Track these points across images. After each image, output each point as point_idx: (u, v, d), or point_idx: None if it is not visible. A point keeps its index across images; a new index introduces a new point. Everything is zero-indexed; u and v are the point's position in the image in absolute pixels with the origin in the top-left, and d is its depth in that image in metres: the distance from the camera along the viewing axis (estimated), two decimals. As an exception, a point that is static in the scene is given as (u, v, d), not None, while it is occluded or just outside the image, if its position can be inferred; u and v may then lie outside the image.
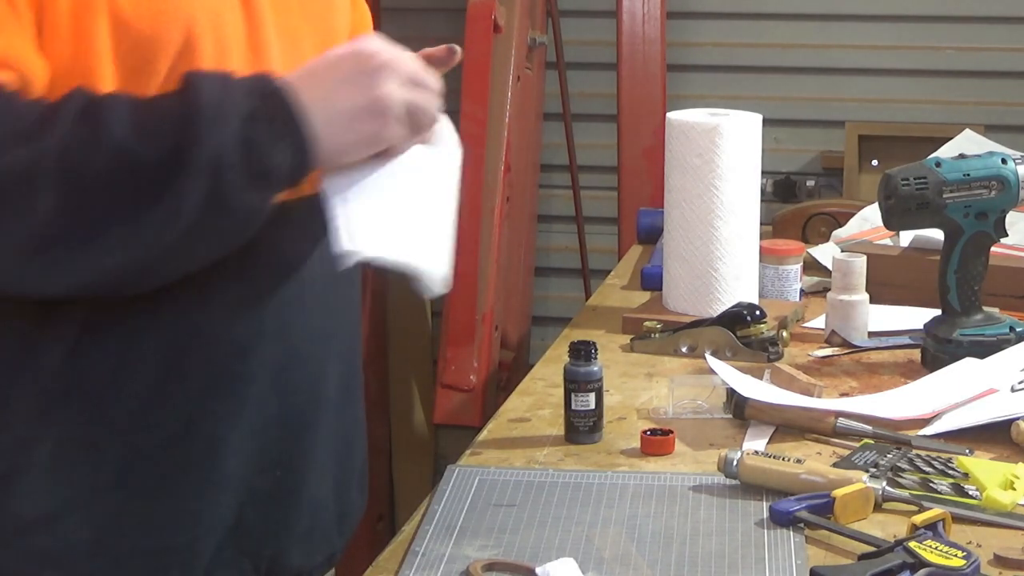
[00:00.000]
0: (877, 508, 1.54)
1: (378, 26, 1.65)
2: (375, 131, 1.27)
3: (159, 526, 1.33)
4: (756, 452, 1.62)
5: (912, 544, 1.39)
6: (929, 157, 2.03)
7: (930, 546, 1.38)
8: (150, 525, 1.33)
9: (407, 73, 1.28)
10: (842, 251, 2.31)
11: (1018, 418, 1.74)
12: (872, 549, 1.42)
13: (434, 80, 1.31)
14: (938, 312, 2.03)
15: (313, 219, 1.34)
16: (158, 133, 1.20)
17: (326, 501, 1.48)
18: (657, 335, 2.14)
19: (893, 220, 2.01)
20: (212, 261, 1.27)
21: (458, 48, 1.39)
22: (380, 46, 1.28)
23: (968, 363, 1.94)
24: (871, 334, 2.17)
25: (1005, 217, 1.99)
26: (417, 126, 1.30)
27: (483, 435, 1.82)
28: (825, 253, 2.54)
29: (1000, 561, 1.43)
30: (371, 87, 1.26)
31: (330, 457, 1.47)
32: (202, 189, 1.20)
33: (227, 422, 1.34)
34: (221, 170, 1.20)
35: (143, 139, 1.19)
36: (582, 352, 1.77)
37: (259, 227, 1.26)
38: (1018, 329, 2.01)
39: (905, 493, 1.56)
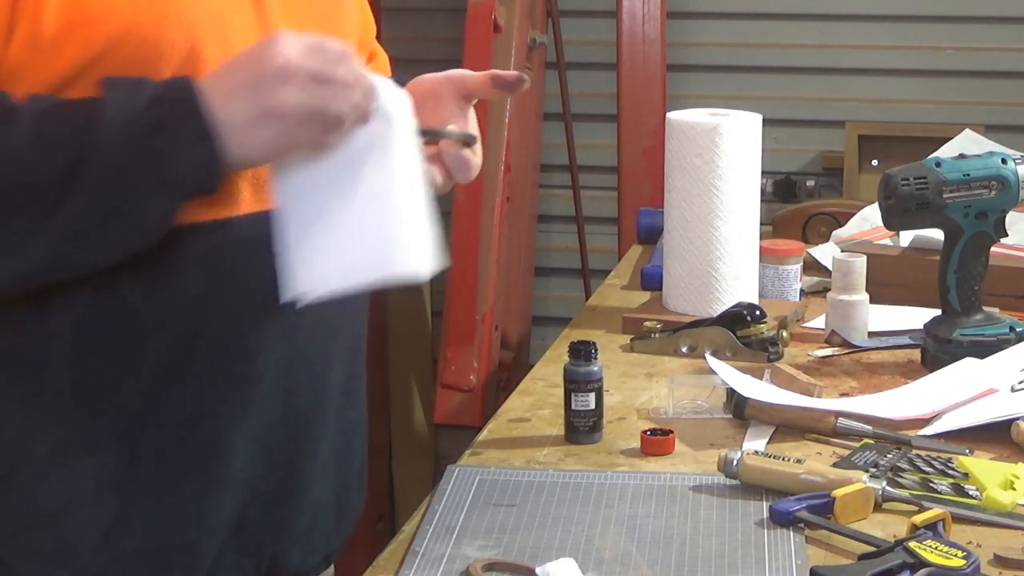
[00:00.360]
0: (877, 508, 1.54)
1: (378, 26, 1.66)
2: (274, 138, 1.22)
3: (162, 525, 1.33)
4: (756, 452, 1.62)
5: (912, 544, 1.39)
6: (929, 157, 2.03)
7: (930, 546, 1.38)
8: (153, 524, 1.33)
9: (308, 73, 1.21)
10: (842, 251, 2.31)
11: (1018, 418, 1.74)
12: (872, 549, 1.42)
13: (346, 70, 1.22)
14: (938, 312, 2.03)
15: None
16: (57, 145, 1.18)
17: (326, 501, 1.48)
18: (657, 335, 2.14)
19: (893, 220, 2.01)
20: (119, 261, 1.25)
21: (527, 78, 1.38)
22: (282, 47, 1.21)
23: (968, 363, 1.94)
24: (871, 334, 2.17)
25: (1005, 217, 1.99)
26: (324, 126, 1.23)
27: (483, 435, 1.82)
28: (825, 253, 2.54)
29: (1000, 561, 1.43)
30: (265, 96, 1.21)
31: (332, 456, 1.47)
32: (101, 203, 1.19)
33: (231, 422, 1.34)
34: (123, 182, 1.18)
35: (41, 151, 1.18)
36: (582, 352, 1.77)
37: (168, 230, 1.23)
38: (1018, 329, 2.01)
39: (905, 493, 1.56)
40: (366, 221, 1.27)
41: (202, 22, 1.27)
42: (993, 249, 2.02)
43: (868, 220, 2.60)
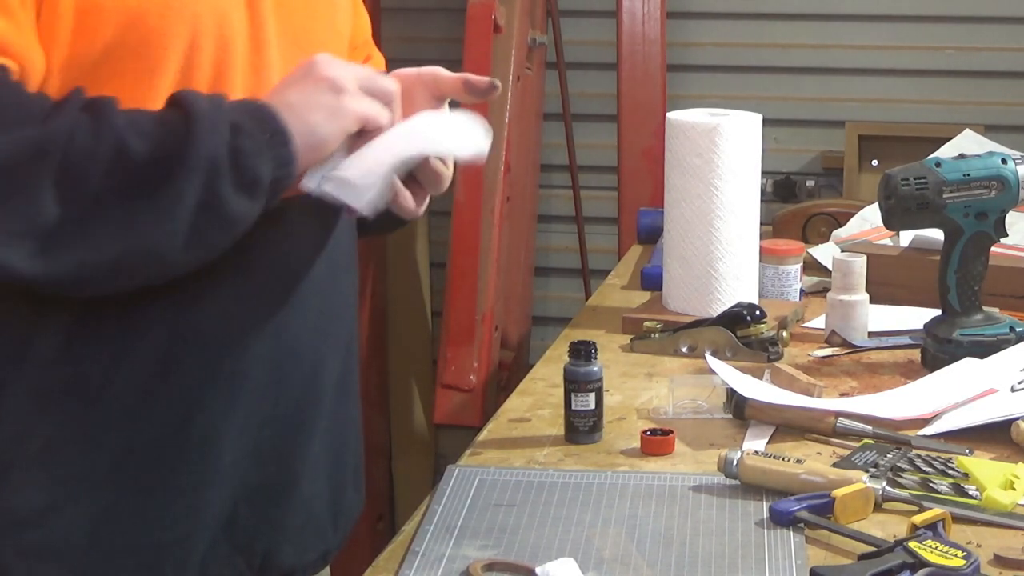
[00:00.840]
0: (877, 508, 1.54)
1: (378, 26, 1.66)
2: (334, 103, 1.28)
3: (154, 521, 1.34)
4: (756, 452, 1.62)
5: (912, 544, 1.39)
6: (929, 157, 2.03)
7: (930, 546, 1.38)
8: (145, 520, 1.33)
9: (351, 66, 1.32)
10: (842, 251, 2.31)
11: (1018, 418, 1.74)
12: (872, 549, 1.42)
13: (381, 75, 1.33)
14: (938, 312, 2.03)
15: (313, 217, 1.35)
16: (155, 133, 1.22)
17: (320, 498, 1.48)
18: (657, 335, 2.14)
19: (893, 220, 2.01)
20: (195, 266, 1.28)
21: (499, 85, 1.40)
22: (330, 69, 1.31)
23: (968, 363, 1.94)
24: (871, 334, 2.17)
25: (1005, 217, 1.99)
26: (374, 93, 1.31)
27: (483, 435, 1.82)
28: (825, 253, 2.54)
29: (1000, 561, 1.43)
30: (320, 75, 1.29)
31: (324, 454, 1.47)
32: (197, 190, 1.22)
33: (222, 418, 1.35)
34: (215, 173, 1.22)
35: (141, 137, 1.21)
36: (582, 352, 1.77)
37: (244, 232, 1.27)
38: (1018, 329, 2.01)
39: (905, 493, 1.56)
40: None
41: (204, 14, 1.28)
42: (993, 249, 2.02)
43: (868, 220, 2.60)
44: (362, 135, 1.31)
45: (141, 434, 1.32)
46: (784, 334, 2.15)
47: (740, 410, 1.82)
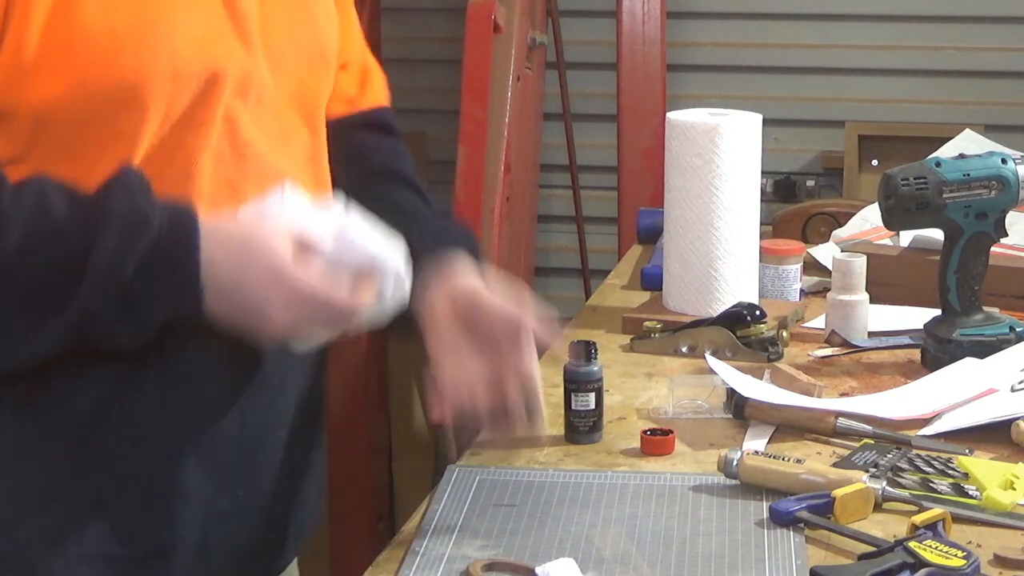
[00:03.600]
0: (877, 508, 1.54)
1: (378, 26, 1.65)
2: (258, 330, 1.28)
3: (114, 536, 1.33)
4: (756, 452, 1.62)
5: (912, 544, 1.39)
6: (929, 157, 2.03)
7: (930, 546, 1.38)
8: (110, 533, 1.33)
9: (322, 307, 1.27)
10: (842, 251, 2.31)
11: (1018, 418, 1.74)
12: (872, 549, 1.42)
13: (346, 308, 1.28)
14: (938, 312, 2.03)
15: None
16: (47, 261, 1.21)
17: (285, 517, 1.49)
18: (657, 335, 2.14)
19: (893, 220, 2.01)
20: None
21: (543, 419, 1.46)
22: (294, 272, 1.25)
23: (968, 363, 1.94)
24: (871, 334, 2.17)
25: (1005, 217, 1.99)
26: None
27: (483, 435, 1.82)
28: (825, 253, 2.54)
29: (1000, 561, 1.43)
30: (261, 308, 1.26)
31: (289, 474, 1.47)
32: (73, 332, 1.22)
33: (180, 438, 1.34)
34: (95, 322, 1.22)
35: (31, 261, 1.20)
36: (582, 352, 1.77)
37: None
38: (1018, 329, 2.01)
39: (905, 493, 1.56)
40: None
41: (184, 49, 1.25)
42: (993, 249, 2.02)
43: (868, 220, 2.60)
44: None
45: (96, 452, 1.31)
46: (784, 334, 2.15)
47: (740, 410, 1.82)
